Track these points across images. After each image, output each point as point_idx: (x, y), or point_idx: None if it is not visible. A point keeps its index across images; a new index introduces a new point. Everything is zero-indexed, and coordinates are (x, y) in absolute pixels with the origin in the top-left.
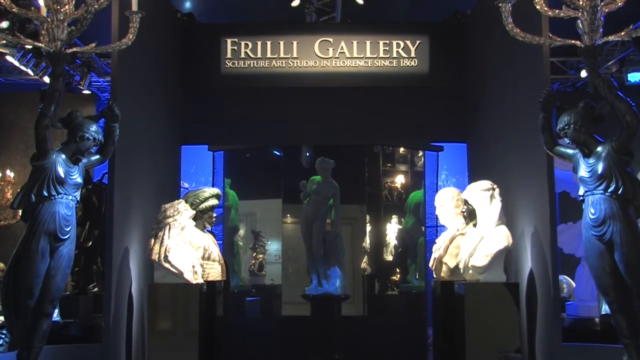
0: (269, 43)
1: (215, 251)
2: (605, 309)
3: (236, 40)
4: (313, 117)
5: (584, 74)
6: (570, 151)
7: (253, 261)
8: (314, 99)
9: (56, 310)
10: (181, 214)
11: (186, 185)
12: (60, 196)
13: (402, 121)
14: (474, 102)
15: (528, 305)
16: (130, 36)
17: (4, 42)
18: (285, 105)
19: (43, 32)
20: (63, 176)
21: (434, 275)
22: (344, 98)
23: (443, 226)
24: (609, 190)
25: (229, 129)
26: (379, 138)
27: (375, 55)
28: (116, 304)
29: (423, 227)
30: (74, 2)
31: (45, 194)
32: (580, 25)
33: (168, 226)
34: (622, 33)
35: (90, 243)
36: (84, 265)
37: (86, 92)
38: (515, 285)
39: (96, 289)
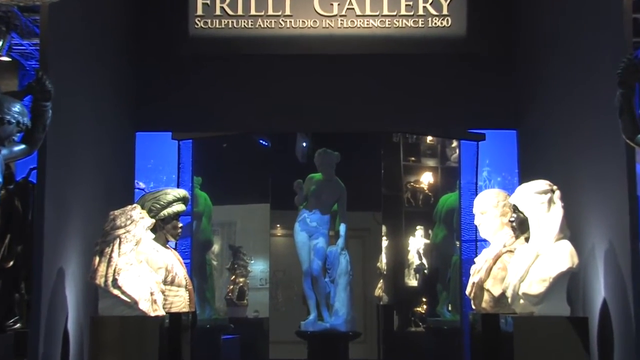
0: None
1: (180, 273)
2: None
3: None
4: (312, 95)
5: None
6: None
7: (231, 286)
8: (313, 71)
9: None
10: (135, 223)
11: (142, 185)
12: None
13: (431, 101)
14: (526, 75)
15: (600, 347)
16: None
17: None
18: (274, 80)
19: None
20: None
21: (473, 306)
22: (352, 70)
23: (485, 241)
24: None
25: (199, 110)
26: (399, 123)
27: (394, 13)
28: (46, 344)
29: (458, 242)
30: None
31: None
32: None
33: (118, 240)
34: None
35: (12, 263)
36: (3, 293)
37: (5, 58)
38: (582, 321)
39: (19, 324)
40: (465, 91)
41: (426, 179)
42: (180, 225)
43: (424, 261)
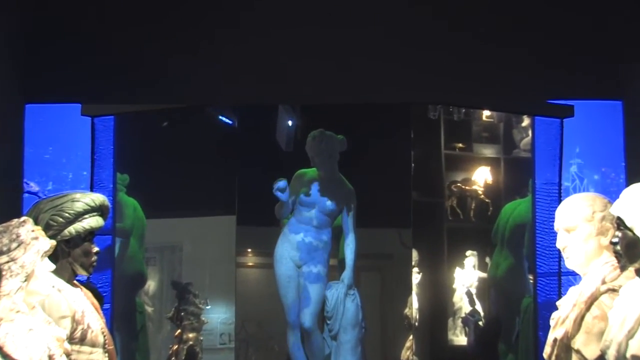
0: None
1: (96, 325)
2: None
3: None
4: (301, 49)
5: None
6: None
7: (176, 346)
8: (304, 12)
9: None
10: (25, 246)
11: (35, 187)
12: None
13: (487, 56)
14: (637, 20)
15: None
16: None
17: None
18: (245, 25)
19: None
20: None
21: None
22: (365, 11)
23: (573, 274)
24: None
25: (124, 70)
26: (438, 90)
27: None
28: None
29: (531, 276)
30: None
31: None
32: None
33: None
34: None
35: None
36: None
37: None
38: None
39: None
40: (542, 42)
41: (481, 177)
42: (95, 249)
43: (478, 306)
